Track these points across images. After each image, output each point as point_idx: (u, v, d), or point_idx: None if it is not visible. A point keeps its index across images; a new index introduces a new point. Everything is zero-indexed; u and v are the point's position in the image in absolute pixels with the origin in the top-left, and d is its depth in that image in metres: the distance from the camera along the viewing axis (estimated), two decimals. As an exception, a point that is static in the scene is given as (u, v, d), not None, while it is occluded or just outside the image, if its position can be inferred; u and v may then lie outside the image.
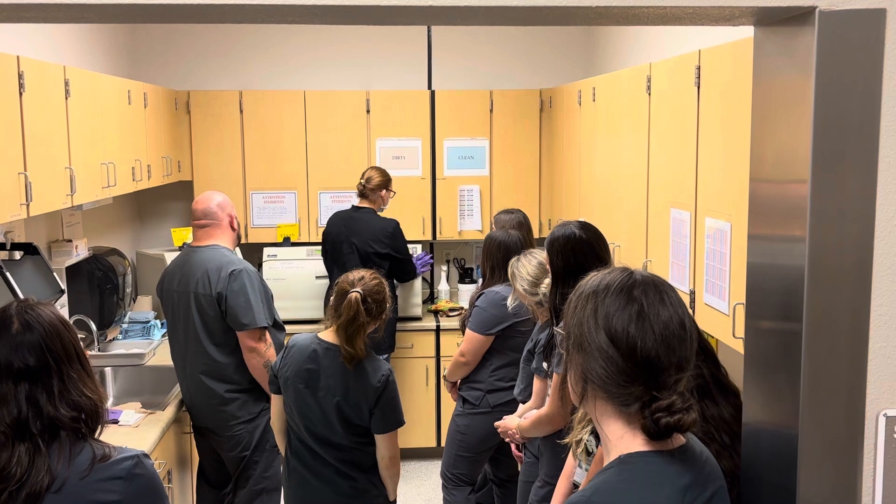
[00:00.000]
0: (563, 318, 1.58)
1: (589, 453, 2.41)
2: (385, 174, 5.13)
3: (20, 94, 3.07)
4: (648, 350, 1.44)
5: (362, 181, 5.07)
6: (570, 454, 2.67)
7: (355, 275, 3.10)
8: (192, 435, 4.02)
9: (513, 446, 3.57)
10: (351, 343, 3.01)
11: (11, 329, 1.82)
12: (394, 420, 3.09)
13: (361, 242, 4.95)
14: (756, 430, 1.83)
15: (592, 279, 1.55)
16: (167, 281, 3.89)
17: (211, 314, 3.71)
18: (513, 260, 3.45)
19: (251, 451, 3.80)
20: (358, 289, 3.03)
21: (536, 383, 3.23)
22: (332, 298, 3.11)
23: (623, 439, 1.47)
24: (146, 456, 1.89)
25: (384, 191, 5.09)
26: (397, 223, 5.03)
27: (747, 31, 1.88)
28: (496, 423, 3.48)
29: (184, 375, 3.86)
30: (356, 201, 5.14)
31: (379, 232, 4.97)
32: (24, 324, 1.83)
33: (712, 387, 2.09)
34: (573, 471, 2.69)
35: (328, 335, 3.10)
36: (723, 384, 2.12)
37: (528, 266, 3.35)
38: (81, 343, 1.95)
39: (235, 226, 3.91)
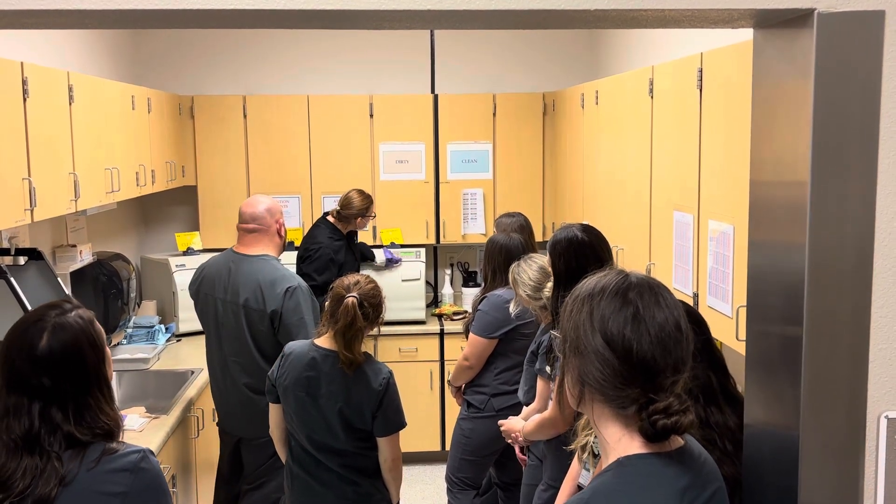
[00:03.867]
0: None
1: (595, 455, 2.41)
2: (367, 199, 5.08)
3: (24, 99, 3.08)
4: (644, 352, 1.44)
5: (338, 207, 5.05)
6: (576, 457, 2.66)
7: (350, 279, 3.08)
8: (197, 439, 4.03)
9: (516, 449, 3.57)
10: (349, 348, 3.00)
11: (38, 344, 1.82)
12: (396, 422, 3.09)
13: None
14: (758, 433, 1.83)
15: (588, 282, 1.55)
16: (206, 284, 3.81)
17: (262, 329, 3.65)
18: (513, 266, 3.45)
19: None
20: (354, 293, 3.01)
21: (539, 385, 3.23)
22: (327, 304, 3.09)
23: (621, 442, 1.47)
24: (151, 453, 1.90)
25: (360, 219, 5.08)
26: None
27: (750, 34, 1.87)
28: (500, 422, 3.48)
29: (223, 383, 3.81)
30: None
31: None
32: (50, 342, 1.82)
33: (719, 395, 2.09)
34: (578, 473, 2.68)
35: (325, 341, 3.07)
36: (730, 394, 2.12)
37: (529, 271, 3.35)
38: (110, 353, 1.94)
39: (283, 233, 3.83)
